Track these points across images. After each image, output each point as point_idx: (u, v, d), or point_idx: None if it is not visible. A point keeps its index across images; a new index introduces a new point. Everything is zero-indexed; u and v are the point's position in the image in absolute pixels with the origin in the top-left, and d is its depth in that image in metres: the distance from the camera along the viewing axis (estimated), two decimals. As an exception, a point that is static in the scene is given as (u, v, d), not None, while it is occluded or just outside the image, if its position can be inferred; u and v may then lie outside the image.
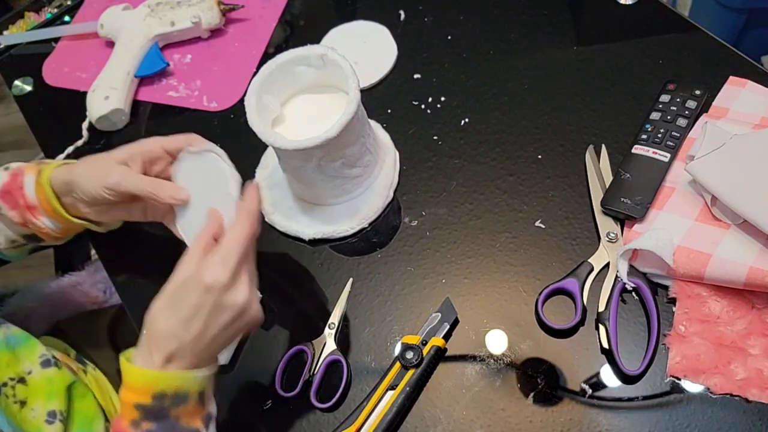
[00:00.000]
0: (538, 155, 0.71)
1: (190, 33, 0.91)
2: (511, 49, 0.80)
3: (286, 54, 0.66)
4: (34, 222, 0.60)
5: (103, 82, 0.85)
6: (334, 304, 0.67)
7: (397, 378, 0.60)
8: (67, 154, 0.84)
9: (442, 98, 0.78)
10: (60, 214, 0.59)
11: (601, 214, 0.65)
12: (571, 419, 0.57)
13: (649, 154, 0.65)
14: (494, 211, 0.69)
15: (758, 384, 0.54)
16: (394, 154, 0.74)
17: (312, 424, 0.61)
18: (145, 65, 0.88)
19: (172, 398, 0.50)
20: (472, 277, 0.66)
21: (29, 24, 1.02)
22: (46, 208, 0.60)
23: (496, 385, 0.60)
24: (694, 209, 0.62)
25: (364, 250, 0.70)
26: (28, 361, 0.64)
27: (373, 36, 0.86)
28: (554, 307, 0.62)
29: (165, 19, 0.89)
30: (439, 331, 0.62)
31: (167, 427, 0.50)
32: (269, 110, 0.67)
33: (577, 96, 0.74)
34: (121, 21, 0.90)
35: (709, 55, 0.73)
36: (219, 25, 0.91)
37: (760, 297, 0.58)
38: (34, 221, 0.60)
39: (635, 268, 0.61)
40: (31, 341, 0.65)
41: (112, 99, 0.83)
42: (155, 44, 0.89)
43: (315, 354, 0.64)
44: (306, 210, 0.72)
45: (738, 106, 0.67)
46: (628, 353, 0.58)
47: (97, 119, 0.84)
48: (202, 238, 0.53)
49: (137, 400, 0.50)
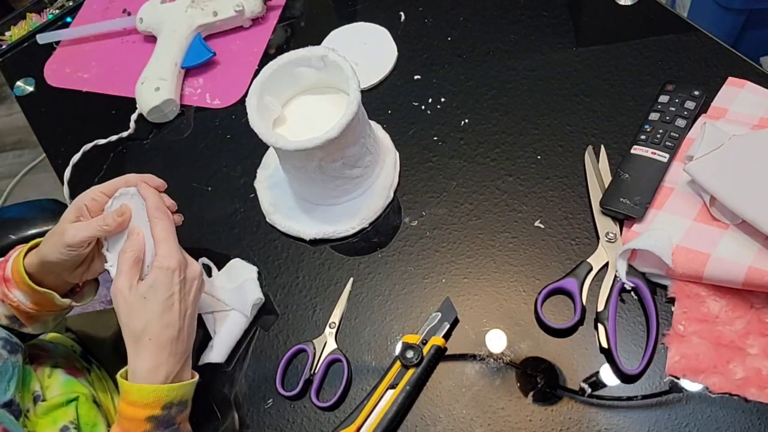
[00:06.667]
0: (537, 156, 0.72)
1: (233, 22, 0.91)
2: (510, 50, 0.81)
3: (287, 55, 0.67)
4: (8, 295, 0.61)
5: (151, 74, 0.86)
6: (335, 303, 0.67)
7: (398, 377, 0.60)
8: (108, 141, 0.84)
9: (442, 99, 0.79)
10: (26, 283, 0.60)
11: (600, 214, 0.65)
12: (570, 418, 0.57)
13: (648, 155, 0.66)
14: (494, 211, 0.69)
15: (757, 383, 0.55)
16: (395, 155, 0.74)
17: (312, 423, 0.62)
18: (190, 56, 0.88)
19: (177, 406, 0.55)
20: (472, 276, 0.66)
21: (31, 25, 1.03)
22: (16, 280, 0.60)
23: (495, 384, 0.60)
24: (692, 209, 0.62)
25: (364, 250, 0.70)
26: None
27: (374, 37, 0.86)
28: (553, 307, 0.62)
29: (207, 9, 0.90)
30: (439, 331, 0.62)
31: None
32: (270, 111, 0.67)
33: (577, 97, 0.75)
34: (161, 14, 0.91)
35: (707, 56, 0.73)
36: (261, 14, 0.91)
37: (758, 297, 0.58)
38: (8, 294, 0.60)
39: (634, 267, 0.61)
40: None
41: (163, 90, 0.84)
42: (198, 35, 0.89)
43: (315, 353, 0.64)
44: (307, 210, 0.72)
45: (737, 107, 0.68)
46: (627, 352, 0.59)
47: (149, 111, 0.84)
48: (130, 252, 0.58)
49: (149, 413, 0.54)
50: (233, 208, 0.77)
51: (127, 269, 0.57)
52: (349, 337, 0.65)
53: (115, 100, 0.90)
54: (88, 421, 0.64)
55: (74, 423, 0.62)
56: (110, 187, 0.63)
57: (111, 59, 0.95)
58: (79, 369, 0.71)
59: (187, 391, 0.57)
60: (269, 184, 0.75)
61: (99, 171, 0.83)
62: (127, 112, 0.86)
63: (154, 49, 0.88)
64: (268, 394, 0.64)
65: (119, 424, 0.54)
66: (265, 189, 0.75)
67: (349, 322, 0.66)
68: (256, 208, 0.75)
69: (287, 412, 0.63)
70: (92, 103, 0.91)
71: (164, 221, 0.59)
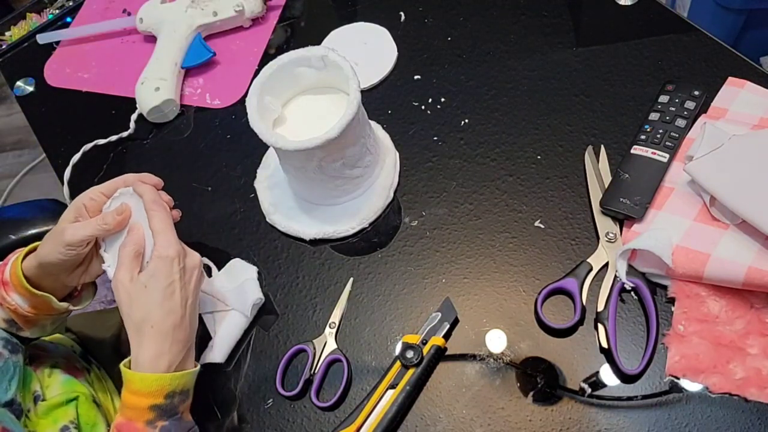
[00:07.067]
0: (537, 156, 0.72)
1: (233, 22, 0.91)
2: (510, 50, 0.81)
3: (287, 55, 0.67)
4: (6, 299, 0.60)
5: (152, 74, 0.86)
6: (335, 303, 0.67)
7: (398, 377, 0.60)
8: (108, 141, 0.84)
9: (442, 99, 0.79)
10: (24, 286, 0.60)
11: (600, 214, 0.65)
12: (570, 418, 0.57)
13: (648, 155, 0.66)
14: (494, 211, 0.69)
15: (757, 383, 0.55)
16: (395, 155, 0.74)
17: (312, 423, 0.62)
18: (190, 56, 0.88)
19: (179, 395, 0.56)
20: (471, 277, 0.66)
21: (31, 25, 1.03)
22: (14, 283, 0.60)
23: (495, 384, 0.60)
24: (692, 209, 0.62)
25: (364, 250, 0.70)
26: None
27: (374, 37, 0.86)
28: (553, 307, 0.62)
29: (207, 9, 0.90)
30: (439, 331, 0.62)
31: (176, 422, 0.55)
32: (270, 111, 0.67)
33: (577, 97, 0.75)
34: (161, 14, 0.91)
35: (707, 56, 0.73)
36: (261, 14, 0.91)
37: (758, 297, 0.58)
38: (6, 298, 0.60)
39: (634, 267, 0.61)
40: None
41: (162, 90, 0.84)
42: (198, 35, 0.89)
43: (315, 353, 0.64)
44: (307, 210, 0.72)
45: (737, 107, 0.68)
46: (627, 352, 0.59)
47: (149, 111, 0.84)
48: (131, 246, 0.59)
49: (152, 402, 0.54)
50: (233, 208, 0.77)
51: (128, 262, 0.57)
52: (349, 337, 0.65)
53: (115, 100, 0.90)
54: (88, 420, 0.64)
55: (74, 423, 0.62)
56: (109, 187, 0.63)
57: (111, 59, 0.95)
58: (79, 369, 0.71)
59: (189, 380, 0.57)
60: (269, 184, 0.75)
61: (99, 171, 0.83)
62: (127, 112, 0.86)
63: (154, 49, 0.88)
64: (268, 394, 0.64)
65: (122, 413, 0.54)
66: (265, 189, 0.75)
67: (349, 322, 0.66)
68: (256, 208, 0.75)
69: (287, 412, 0.63)
70: (92, 103, 0.91)
71: (161, 213, 0.59)
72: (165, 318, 0.56)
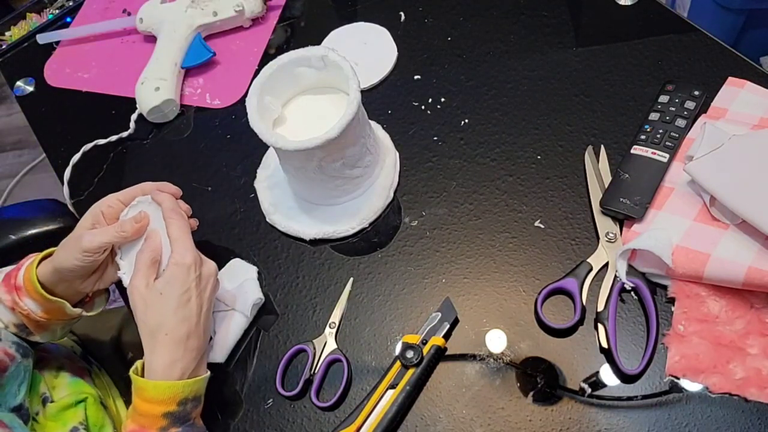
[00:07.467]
0: (537, 155, 0.72)
1: (233, 22, 0.91)
2: (510, 50, 0.81)
3: (287, 55, 0.67)
4: (18, 304, 0.60)
5: (151, 74, 0.86)
6: (335, 303, 0.67)
7: (398, 377, 0.60)
8: (108, 141, 0.84)
9: (442, 99, 0.79)
10: (38, 291, 0.60)
11: (600, 214, 0.65)
12: (570, 418, 0.57)
13: (648, 155, 0.66)
14: (494, 211, 0.69)
15: (757, 383, 0.55)
16: (395, 155, 0.74)
17: (312, 423, 0.62)
18: (190, 56, 0.88)
19: (192, 401, 0.56)
20: (471, 277, 0.66)
21: (31, 25, 1.03)
22: (28, 288, 0.60)
23: (495, 384, 0.60)
24: (692, 209, 0.62)
25: (364, 250, 0.70)
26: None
27: (374, 37, 0.86)
28: (553, 307, 0.62)
29: (207, 9, 0.90)
30: (439, 331, 0.62)
31: (189, 427, 0.56)
32: (270, 111, 0.67)
33: (577, 97, 0.75)
34: (161, 14, 0.91)
35: (707, 56, 0.73)
36: (261, 14, 0.91)
37: (758, 297, 0.58)
38: (19, 303, 0.60)
39: (634, 267, 0.61)
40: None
41: (162, 90, 0.84)
42: (198, 35, 0.89)
43: (315, 353, 0.64)
44: (307, 210, 0.72)
45: (737, 107, 0.68)
46: (627, 352, 0.59)
47: (149, 111, 0.84)
48: (148, 252, 0.59)
49: (165, 409, 0.54)
50: (233, 208, 0.77)
51: (145, 269, 0.57)
52: (349, 337, 0.65)
53: (115, 100, 0.90)
54: (96, 422, 0.64)
55: (83, 424, 0.62)
56: (127, 195, 0.63)
57: (111, 59, 0.95)
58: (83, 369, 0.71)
59: (201, 387, 0.58)
60: (269, 184, 0.75)
61: (99, 171, 0.83)
62: (127, 112, 0.86)
63: (154, 49, 0.88)
64: (268, 394, 0.64)
65: (134, 420, 0.54)
66: (265, 189, 0.75)
67: (349, 322, 0.66)
68: (256, 208, 0.75)
69: (287, 412, 0.63)
70: (92, 103, 0.91)
71: (179, 221, 0.60)
72: (179, 325, 0.56)
